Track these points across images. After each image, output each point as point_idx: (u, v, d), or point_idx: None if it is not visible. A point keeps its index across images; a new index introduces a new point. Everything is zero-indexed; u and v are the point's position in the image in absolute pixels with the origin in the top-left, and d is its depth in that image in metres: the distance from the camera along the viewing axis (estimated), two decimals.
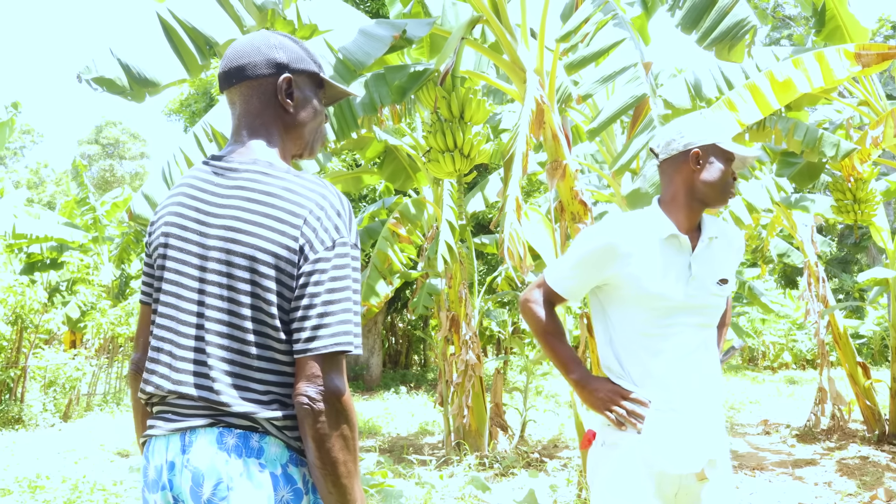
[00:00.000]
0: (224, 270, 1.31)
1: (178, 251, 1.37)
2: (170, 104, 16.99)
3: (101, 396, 11.96)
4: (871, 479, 5.69)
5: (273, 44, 1.44)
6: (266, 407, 1.29)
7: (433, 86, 4.74)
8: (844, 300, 20.12)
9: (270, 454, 1.29)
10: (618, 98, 3.74)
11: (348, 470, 1.26)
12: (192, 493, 1.27)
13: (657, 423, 1.90)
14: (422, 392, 14.39)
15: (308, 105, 1.47)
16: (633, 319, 1.95)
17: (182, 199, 1.40)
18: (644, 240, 1.95)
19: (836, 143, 5.84)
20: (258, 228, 1.30)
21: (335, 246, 1.30)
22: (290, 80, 1.43)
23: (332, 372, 1.26)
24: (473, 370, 6.94)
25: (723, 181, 1.96)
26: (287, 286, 1.29)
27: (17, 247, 12.45)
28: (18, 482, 5.27)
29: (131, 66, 3.55)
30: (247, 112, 1.43)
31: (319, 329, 1.26)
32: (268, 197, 1.31)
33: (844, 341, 7.78)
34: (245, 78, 1.42)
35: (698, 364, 1.94)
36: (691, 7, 4.03)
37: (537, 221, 5.88)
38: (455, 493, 5.20)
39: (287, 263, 1.28)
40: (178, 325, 1.35)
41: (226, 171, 1.38)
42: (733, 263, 2.07)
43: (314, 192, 1.32)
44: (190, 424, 1.30)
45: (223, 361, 1.30)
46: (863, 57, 4.68)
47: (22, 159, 36.57)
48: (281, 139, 1.44)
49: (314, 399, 1.24)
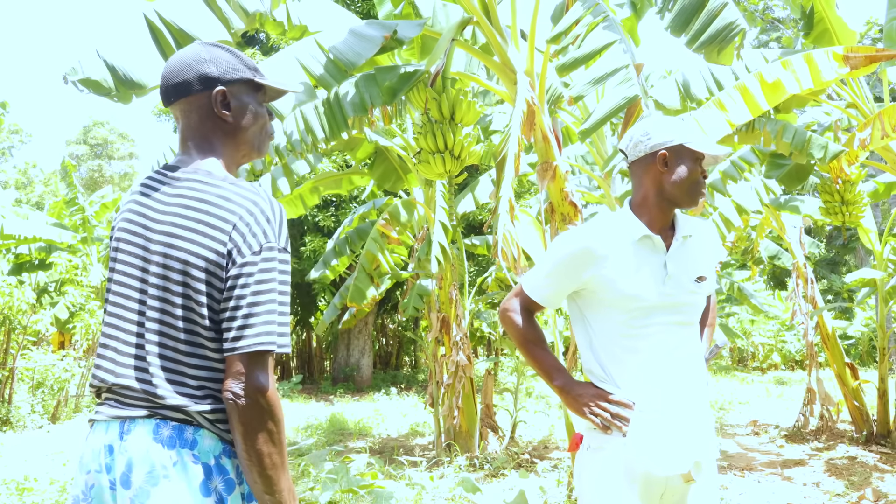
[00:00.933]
0: (161, 273, 1.41)
1: (126, 254, 1.47)
2: (159, 104, 16.90)
3: (90, 398, 11.89)
4: (859, 480, 5.72)
5: (203, 58, 1.49)
6: (199, 401, 1.38)
7: (424, 87, 4.74)
8: (833, 301, 20.24)
9: (204, 446, 1.38)
10: (609, 99, 3.74)
11: (273, 462, 1.34)
12: (123, 478, 1.35)
13: (641, 425, 1.89)
14: (412, 393, 14.37)
15: (246, 111, 1.53)
16: (611, 322, 1.95)
17: (132, 206, 1.50)
18: (617, 242, 1.95)
19: (824, 145, 5.88)
20: (192, 234, 1.39)
21: (262, 251, 1.38)
22: (224, 93, 1.49)
23: (257, 370, 1.34)
24: (464, 371, 6.94)
25: (690, 182, 1.94)
26: (217, 288, 1.38)
27: (5, 247, 12.36)
28: (6, 484, 5.23)
29: (118, 67, 3.53)
30: (188, 126, 1.52)
31: (244, 329, 1.35)
32: (202, 204, 1.41)
33: (833, 342, 7.83)
34: (181, 95, 1.49)
35: (680, 363, 1.93)
36: (681, 10, 4.04)
37: (527, 223, 5.89)
38: (445, 494, 5.20)
39: (216, 267, 1.37)
40: (122, 322, 1.44)
41: (171, 180, 1.47)
42: (711, 260, 2.05)
43: (245, 199, 1.40)
44: (130, 414, 1.39)
45: (159, 358, 1.39)
46: (851, 59, 4.71)
47: (10, 159, 36.31)
48: (224, 147, 1.52)
49: (238, 395, 1.33)
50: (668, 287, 1.93)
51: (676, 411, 1.91)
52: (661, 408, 1.90)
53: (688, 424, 1.91)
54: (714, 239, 2.10)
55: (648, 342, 1.92)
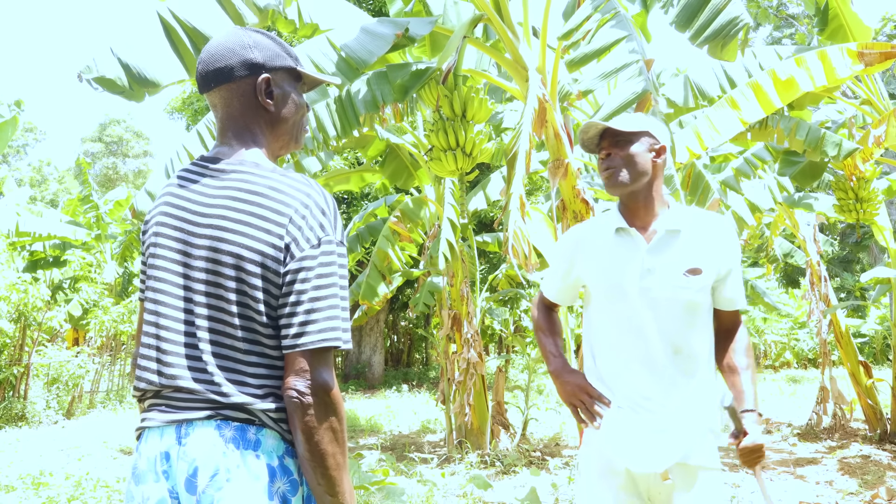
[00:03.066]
0: (209, 268, 1.34)
1: (167, 249, 1.39)
2: (172, 102, 17.00)
3: (104, 394, 11.99)
4: (872, 478, 5.69)
5: (247, 43, 1.43)
6: (262, 400, 1.31)
7: (435, 84, 4.74)
8: (846, 299, 20.09)
9: (267, 446, 1.32)
10: (619, 94, 3.73)
11: (337, 462, 1.29)
12: (188, 483, 1.28)
13: (619, 420, 1.90)
14: (423, 390, 14.39)
15: (288, 100, 1.48)
16: (600, 316, 1.99)
17: (170, 199, 1.43)
18: (599, 234, 2.01)
19: (838, 142, 5.84)
20: (245, 227, 1.32)
21: (321, 244, 1.32)
22: (269, 80, 1.44)
23: (321, 366, 1.29)
24: (475, 368, 6.94)
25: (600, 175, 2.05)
26: (273, 283, 1.32)
27: (21, 245, 12.48)
28: (22, 479, 5.29)
29: (131, 65, 3.55)
30: (229, 115, 1.45)
31: (307, 325, 1.29)
32: (254, 196, 1.34)
33: (846, 340, 7.78)
34: (223, 81, 1.42)
35: (670, 362, 1.88)
36: (685, 5, 4.04)
37: (539, 220, 5.89)
38: (457, 490, 5.21)
39: (273, 261, 1.31)
40: (166, 321, 1.37)
41: (214, 171, 1.40)
42: (714, 255, 1.92)
43: (299, 191, 1.34)
44: (186, 416, 1.32)
45: (215, 356, 1.32)
46: (865, 56, 4.67)
47: (25, 157, 36.63)
48: (265, 137, 1.47)
49: (303, 393, 1.27)
50: (646, 281, 1.89)
51: (659, 409, 1.87)
52: (642, 404, 1.88)
53: (671, 423, 1.86)
54: (721, 233, 1.95)
55: (629, 336, 1.91)
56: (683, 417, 1.87)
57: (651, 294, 1.89)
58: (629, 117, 1.99)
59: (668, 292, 1.88)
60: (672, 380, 1.88)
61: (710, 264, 1.91)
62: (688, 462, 1.86)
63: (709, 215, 2.01)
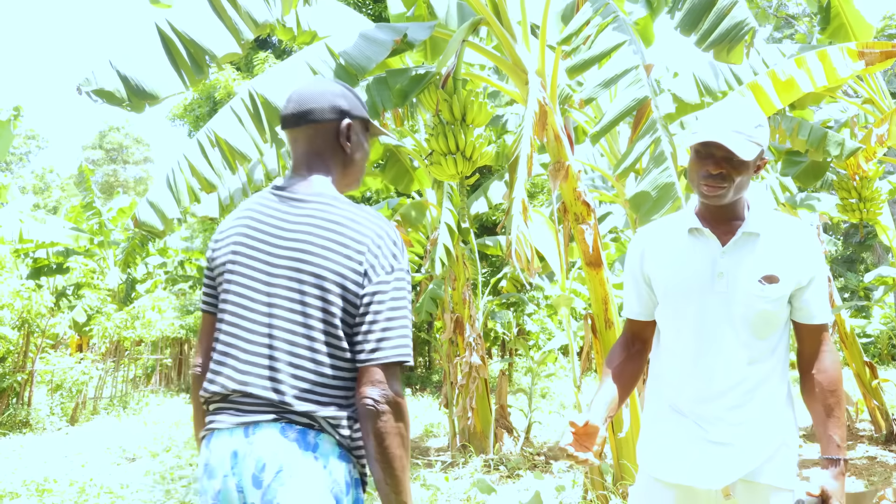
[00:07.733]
0: (295, 287, 1.50)
1: (246, 268, 1.57)
2: (174, 109, 17.01)
3: (108, 400, 12.00)
4: (878, 480, 5.66)
5: (337, 92, 1.67)
6: (324, 407, 1.47)
7: (435, 89, 4.74)
8: (850, 299, 20.04)
9: (324, 449, 1.46)
10: (619, 102, 3.73)
11: (403, 465, 1.44)
12: (254, 478, 1.43)
13: (680, 432, 1.81)
14: (426, 394, 14.38)
15: (361, 147, 1.71)
16: (666, 320, 1.88)
17: (249, 223, 1.60)
18: (668, 234, 1.90)
19: (840, 141, 5.82)
20: (326, 251, 1.50)
21: (394, 271, 1.51)
22: (350, 126, 1.66)
23: (393, 379, 1.46)
24: (478, 372, 6.93)
25: (692, 176, 1.82)
26: (352, 303, 1.49)
27: (24, 252, 12.50)
28: (26, 485, 5.29)
29: (130, 77, 3.53)
30: (310, 150, 1.65)
31: (383, 341, 1.46)
32: (335, 224, 1.52)
33: (851, 341, 7.75)
34: (312, 121, 1.64)
35: (739, 372, 1.76)
36: (690, 9, 4.02)
37: (541, 223, 5.87)
38: (461, 495, 5.20)
39: (353, 284, 1.49)
40: (246, 332, 1.53)
41: (293, 201, 1.59)
42: (796, 262, 1.78)
43: (374, 224, 1.54)
44: (254, 419, 1.47)
45: (291, 366, 1.48)
46: (867, 55, 4.66)
47: (27, 165, 36.76)
48: (338, 174, 1.66)
49: (377, 401, 1.43)
50: (719, 285, 1.77)
51: (719, 420, 1.76)
52: (700, 415, 1.78)
53: (732, 436, 1.76)
54: (803, 239, 1.81)
55: (697, 342, 1.80)
56: (751, 430, 1.76)
57: (723, 299, 1.77)
58: (753, 131, 1.75)
59: (741, 298, 1.76)
60: (741, 391, 1.77)
61: (788, 273, 1.77)
62: (756, 480, 1.74)
63: (791, 220, 1.87)
